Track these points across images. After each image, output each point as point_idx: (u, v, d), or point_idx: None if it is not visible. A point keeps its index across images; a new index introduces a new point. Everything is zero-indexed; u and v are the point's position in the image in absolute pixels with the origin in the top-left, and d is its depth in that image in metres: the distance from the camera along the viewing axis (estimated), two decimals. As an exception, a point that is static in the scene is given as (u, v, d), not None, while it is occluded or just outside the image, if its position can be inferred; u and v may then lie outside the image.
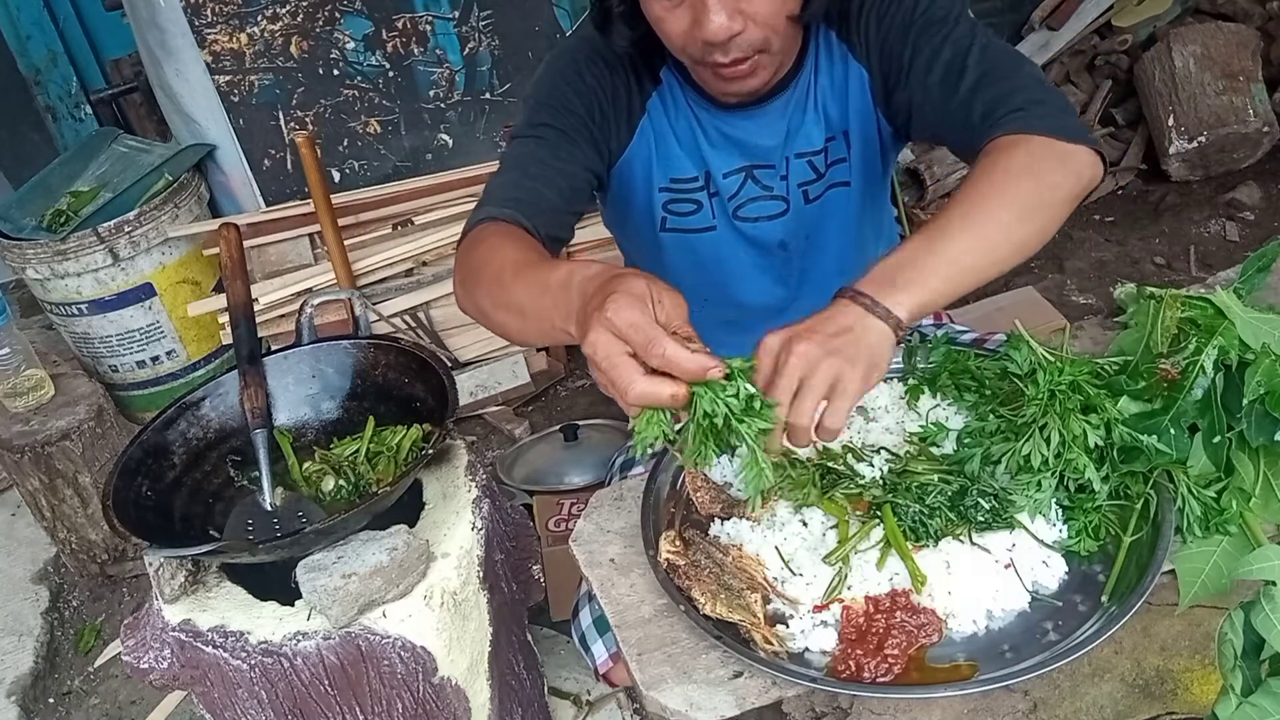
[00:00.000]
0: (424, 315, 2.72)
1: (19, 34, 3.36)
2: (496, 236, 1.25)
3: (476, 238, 1.27)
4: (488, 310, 1.21)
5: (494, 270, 1.18)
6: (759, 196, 1.47)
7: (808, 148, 1.44)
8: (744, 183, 1.46)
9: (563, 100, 1.39)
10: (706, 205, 1.47)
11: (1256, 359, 1.08)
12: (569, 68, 1.41)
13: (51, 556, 2.53)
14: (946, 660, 1.01)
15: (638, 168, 1.45)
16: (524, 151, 1.37)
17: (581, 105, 1.39)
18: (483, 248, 1.24)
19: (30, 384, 2.37)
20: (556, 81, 1.41)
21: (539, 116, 1.39)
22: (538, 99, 1.41)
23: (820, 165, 1.45)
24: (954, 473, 1.13)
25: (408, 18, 2.83)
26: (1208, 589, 1.03)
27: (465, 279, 1.26)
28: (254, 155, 2.86)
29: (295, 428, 1.46)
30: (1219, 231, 3.13)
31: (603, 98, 1.40)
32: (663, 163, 1.45)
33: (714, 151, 1.44)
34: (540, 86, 1.43)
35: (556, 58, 1.44)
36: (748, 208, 1.47)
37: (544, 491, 2.26)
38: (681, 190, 1.47)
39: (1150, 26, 3.37)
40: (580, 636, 1.51)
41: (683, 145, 1.44)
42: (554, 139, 1.37)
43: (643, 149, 1.44)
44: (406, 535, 1.25)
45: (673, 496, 1.24)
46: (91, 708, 2.24)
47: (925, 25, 1.30)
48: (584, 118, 1.39)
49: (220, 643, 1.22)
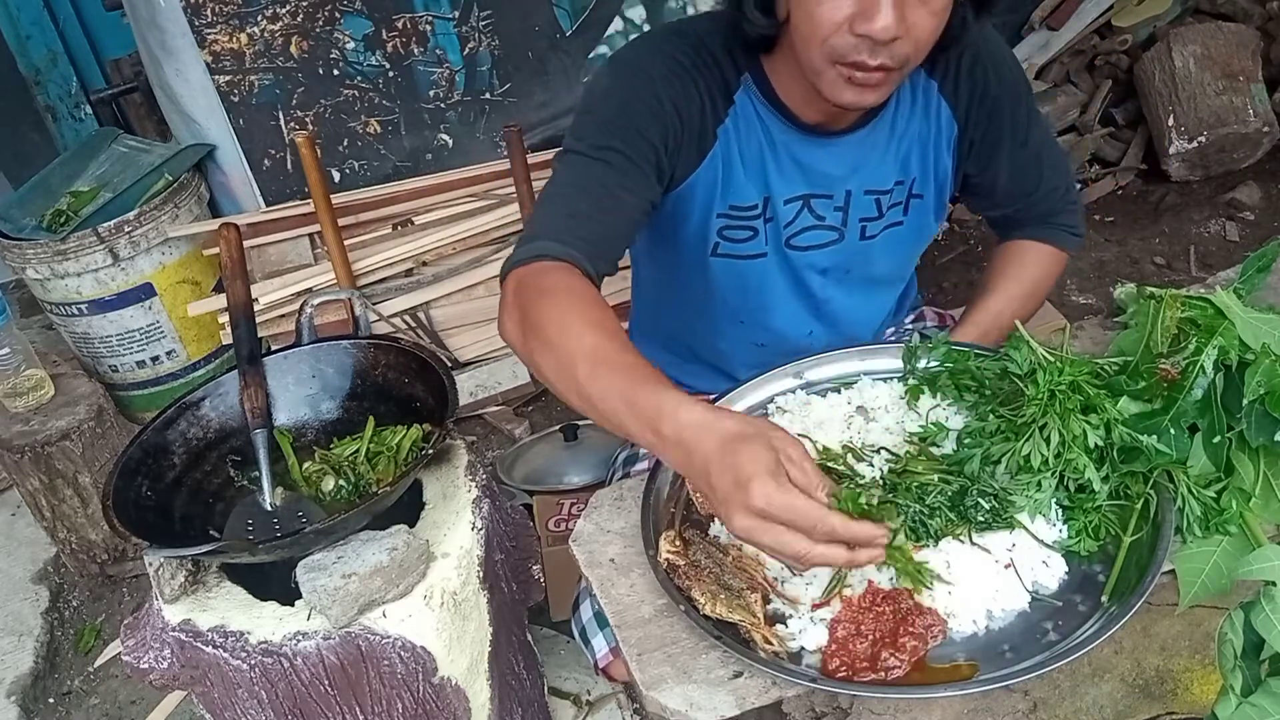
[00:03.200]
0: (424, 315, 2.72)
1: (19, 34, 3.36)
2: (563, 293, 1.17)
3: (538, 283, 1.19)
4: (548, 375, 1.15)
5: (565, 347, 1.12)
6: (813, 225, 1.44)
7: (876, 185, 1.43)
8: (800, 210, 1.43)
9: (635, 123, 1.29)
10: (761, 233, 1.43)
11: (1256, 359, 1.08)
12: (644, 86, 1.30)
13: (51, 556, 2.53)
14: (946, 660, 1.01)
15: (699, 194, 1.39)
16: (588, 176, 1.28)
17: (657, 132, 1.29)
18: (548, 304, 1.16)
19: (30, 384, 2.37)
20: (629, 99, 1.30)
21: (605, 138, 1.28)
22: (606, 116, 1.31)
23: (885, 204, 1.44)
24: (954, 473, 1.13)
25: (408, 18, 2.83)
26: (1208, 589, 1.03)
27: (526, 330, 1.18)
28: (254, 155, 2.86)
29: (295, 428, 1.46)
30: (1219, 231, 3.13)
31: (678, 124, 1.31)
32: (725, 189, 1.39)
33: (779, 176, 1.40)
34: (609, 100, 1.32)
35: (629, 68, 1.34)
36: (801, 236, 1.45)
37: (544, 491, 2.25)
38: (740, 217, 1.42)
39: (1150, 26, 3.36)
40: (580, 630, 1.51)
41: (748, 170, 1.39)
42: (621, 165, 1.27)
43: (708, 176, 1.38)
44: (406, 535, 1.25)
45: (673, 496, 1.24)
46: (91, 708, 2.24)
47: (1027, 120, 1.46)
48: (656, 146, 1.30)
49: (220, 643, 1.22)
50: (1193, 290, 1.24)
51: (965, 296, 2.90)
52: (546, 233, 1.24)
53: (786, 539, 0.94)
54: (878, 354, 1.37)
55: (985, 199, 1.57)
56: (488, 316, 2.79)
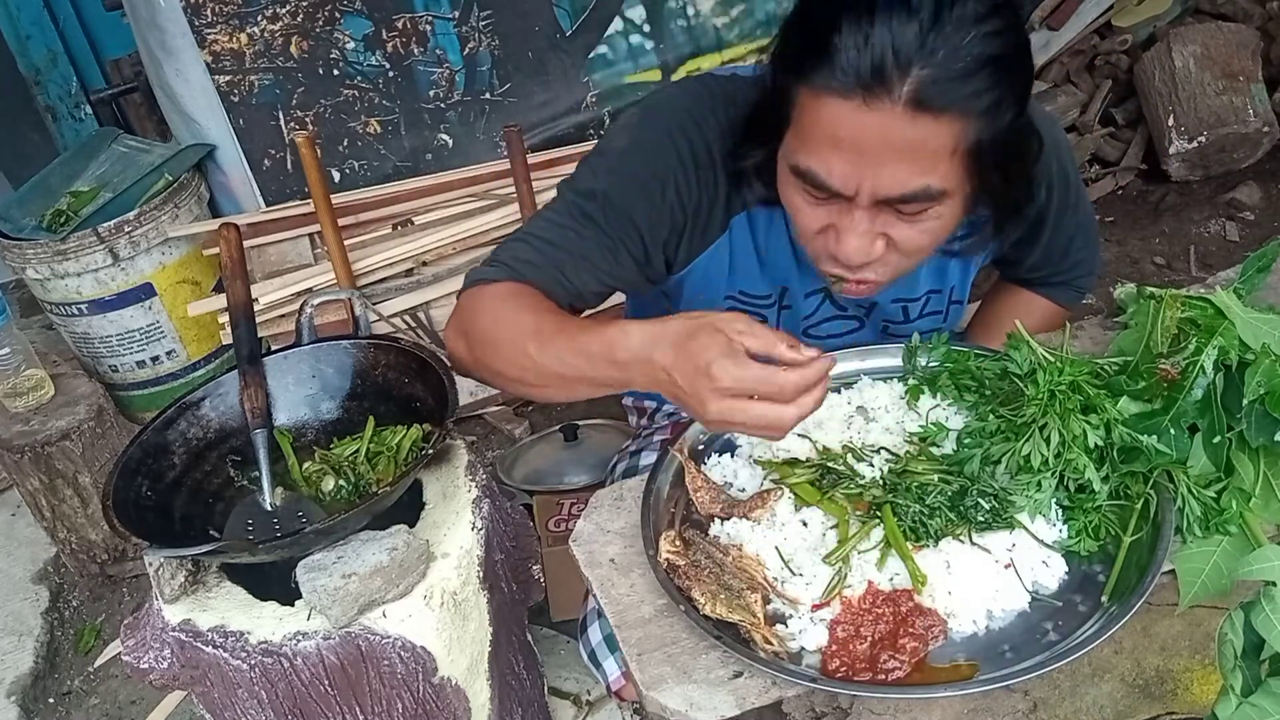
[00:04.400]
0: (424, 315, 2.72)
1: (19, 34, 3.35)
2: (503, 297, 1.18)
3: (478, 297, 1.20)
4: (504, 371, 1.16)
5: (508, 337, 1.13)
6: (834, 316, 1.41)
7: (905, 295, 1.39)
8: (821, 303, 1.39)
9: (627, 202, 1.23)
10: (774, 320, 1.39)
11: (1256, 359, 1.08)
12: (654, 167, 1.23)
13: (51, 556, 2.53)
14: (946, 660, 1.01)
15: (704, 277, 1.33)
16: (568, 235, 1.23)
17: (647, 225, 1.24)
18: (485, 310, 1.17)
19: (30, 384, 2.37)
20: (634, 173, 1.23)
21: (594, 207, 1.23)
22: (605, 179, 1.25)
23: (914, 312, 1.41)
24: (954, 473, 1.13)
25: (408, 18, 2.83)
26: (1208, 589, 1.03)
27: (471, 341, 1.18)
28: (254, 155, 2.86)
29: (295, 428, 1.46)
30: (1219, 231, 3.13)
31: (678, 217, 1.25)
32: (735, 275, 1.34)
33: (800, 273, 1.33)
34: (615, 172, 1.25)
35: (653, 135, 1.25)
36: (821, 326, 1.42)
37: (544, 491, 2.26)
38: (749, 302, 1.37)
39: (1150, 26, 3.36)
40: (590, 653, 1.50)
41: (765, 266, 1.33)
42: (593, 238, 1.23)
43: (715, 261, 1.32)
44: (406, 535, 1.25)
45: (673, 496, 1.24)
46: (91, 708, 2.24)
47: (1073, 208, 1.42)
48: (641, 233, 1.24)
49: (220, 643, 1.22)
50: (1193, 290, 1.24)
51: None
52: (503, 264, 1.24)
53: (759, 411, 0.96)
54: (878, 354, 1.37)
55: (1007, 268, 1.57)
56: (488, 316, 2.78)
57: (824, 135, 1.04)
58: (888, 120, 0.99)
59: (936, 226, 1.11)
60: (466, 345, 1.21)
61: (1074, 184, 1.42)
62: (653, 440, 1.65)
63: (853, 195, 1.06)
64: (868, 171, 1.04)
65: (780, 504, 1.15)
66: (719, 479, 1.23)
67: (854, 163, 1.03)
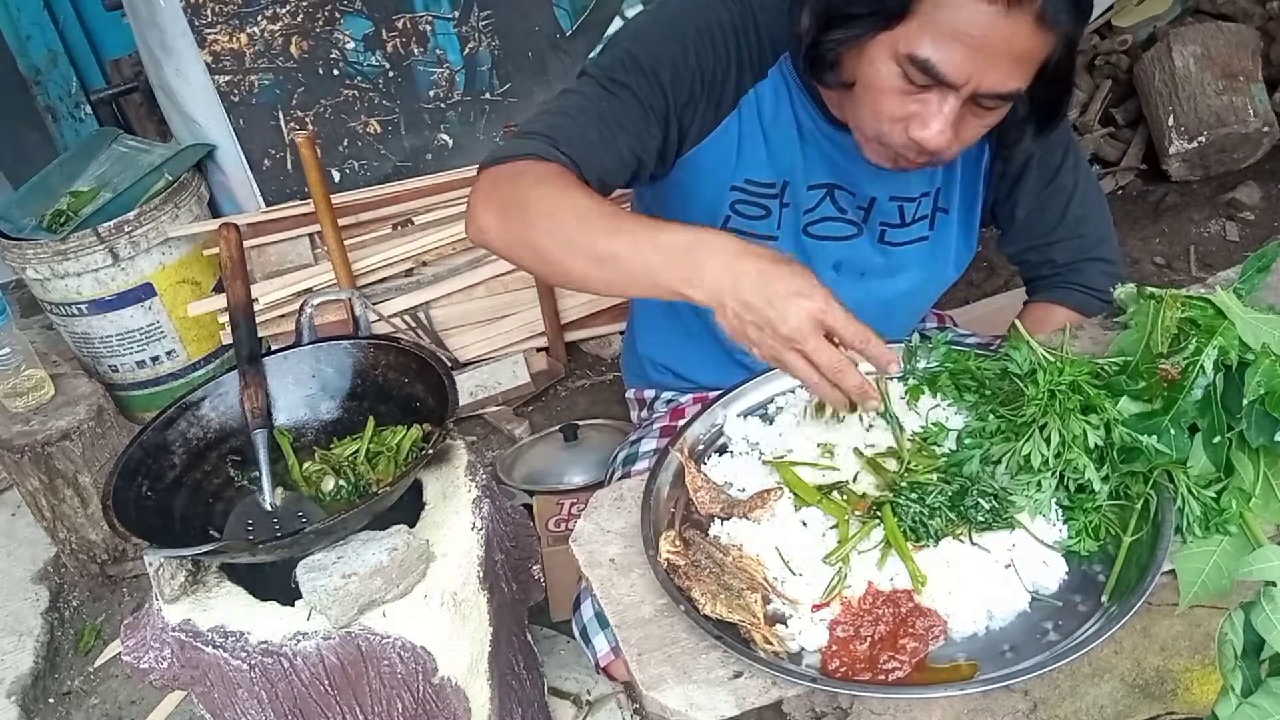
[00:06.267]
0: (424, 315, 2.72)
1: (19, 34, 3.35)
2: (558, 177, 1.17)
3: (526, 170, 1.18)
4: (545, 245, 1.15)
5: (566, 209, 1.13)
6: (833, 216, 1.43)
7: (902, 192, 1.42)
8: (823, 199, 1.42)
9: (655, 68, 1.28)
10: (775, 214, 1.42)
11: (1256, 359, 1.08)
12: (675, 35, 1.30)
13: (51, 556, 2.53)
14: (946, 660, 1.01)
15: (712, 161, 1.37)
16: (595, 103, 1.27)
17: (672, 85, 1.29)
18: (531, 184, 1.16)
19: (30, 384, 2.36)
20: (657, 44, 1.29)
21: (622, 73, 1.28)
22: (630, 53, 1.29)
23: (910, 213, 1.44)
24: (954, 473, 1.13)
25: (408, 18, 2.83)
26: (1208, 589, 1.03)
27: (510, 213, 1.16)
28: (254, 155, 2.86)
29: (295, 428, 1.46)
30: (1219, 231, 3.13)
31: (697, 85, 1.31)
32: (742, 162, 1.38)
33: (805, 162, 1.38)
34: (639, 39, 1.31)
35: (670, 12, 1.33)
36: (820, 225, 1.44)
37: (544, 491, 2.26)
38: (753, 193, 1.40)
39: (1150, 26, 3.36)
40: (581, 630, 1.51)
41: (770, 150, 1.37)
42: (628, 102, 1.27)
43: (722, 144, 1.36)
44: (406, 535, 1.25)
45: (673, 496, 1.24)
46: (91, 708, 2.24)
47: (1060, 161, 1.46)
48: (668, 97, 1.29)
49: (220, 643, 1.22)
50: (1193, 290, 1.24)
51: (965, 295, 2.90)
52: (543, 138, 1.23)
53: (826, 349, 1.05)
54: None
55: (1005, 233, 1.58)
56: (488, 316, 2.79)
57: (955, 30, 1.11)
58: (1017, 27, 1.10)
59: (993, 121, 1.22)
60: (502, 219, 1.19)
61: (1068, 139, 1.49)
62: (653, 428, 1.66)
63: (959, 87, 1.15)
64: (982, 68, 1.13)
65: (780, 504, 1.15)
66: (719, 479, 1.23)
67: (973, 60, 1.12)
